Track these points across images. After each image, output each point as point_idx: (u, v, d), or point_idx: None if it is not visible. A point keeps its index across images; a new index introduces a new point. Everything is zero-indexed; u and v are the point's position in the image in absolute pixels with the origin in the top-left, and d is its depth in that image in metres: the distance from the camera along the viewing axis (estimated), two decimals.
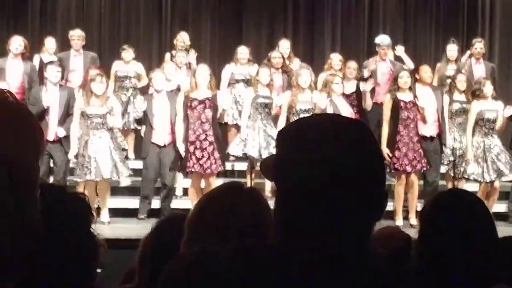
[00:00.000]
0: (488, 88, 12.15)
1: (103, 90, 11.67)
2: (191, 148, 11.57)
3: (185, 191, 12.76)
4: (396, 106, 11.90)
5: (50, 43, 13.98)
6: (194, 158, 11.57)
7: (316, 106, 11.90)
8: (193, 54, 14.05)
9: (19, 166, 1.33)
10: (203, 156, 11.56)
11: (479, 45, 13.88)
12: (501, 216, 12.20)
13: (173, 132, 11.90)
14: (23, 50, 13.05)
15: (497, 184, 12.15)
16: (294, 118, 11.60)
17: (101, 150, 11.42)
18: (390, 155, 11.70)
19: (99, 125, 11.50)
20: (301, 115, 11.53)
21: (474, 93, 12.31)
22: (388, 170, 11.50)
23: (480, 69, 13.60)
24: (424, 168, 12.00)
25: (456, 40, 14.32)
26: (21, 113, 1.42)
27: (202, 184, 11.84)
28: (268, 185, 11.29)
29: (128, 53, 13.74)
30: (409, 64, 13.74)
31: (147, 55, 15.64)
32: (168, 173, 12.00)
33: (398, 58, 14.10)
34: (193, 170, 11.62)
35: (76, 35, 13.83)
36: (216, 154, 11.65)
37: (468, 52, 14.14)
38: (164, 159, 11.96)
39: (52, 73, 12.02)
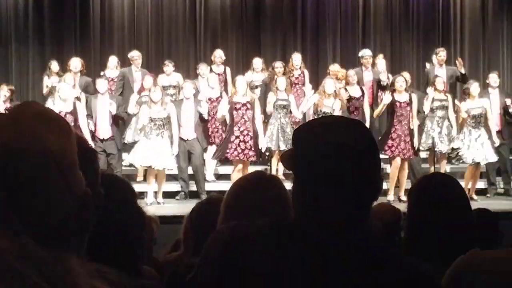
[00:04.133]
0: (475, 89, 12.12)
1: (160, 97, 11.72)
2: (236, 141, 11.61)
3: (217, 176, 12.87)
4: (393, 105, 11.88)
5: (113, 61, 14.04)
6: (239, 149, 11.62)
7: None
8: (228, 68, 14.02)
9: (61, 154, 1.34)
10: (246, 148, 11.61)
11: (442, 53, 13.73)
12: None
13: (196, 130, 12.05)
14: (81, 68, 13.15)
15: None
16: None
17: (160, 147, 11.52)
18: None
19: (161, 126, 11.58)
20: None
21: (464, 92, 12.33)
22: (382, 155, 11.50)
23: (443, 72, 13.37)
24: (411, 157, 11.96)
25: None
26: (53, 116, 1.41)
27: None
28: (281, 171, 11.32)
29: (168, 67, 13.75)
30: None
31: (185, 68, 15.65)
32: (196, 161, 12.12)
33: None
34: (237, 158, 11.67)
35: (137, 55, 13.92)
36: (253, 147, 11.70)
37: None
38: (193, 151, 12.06)
39: (100, 85, 12.13)
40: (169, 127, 11.72)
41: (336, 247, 1.81)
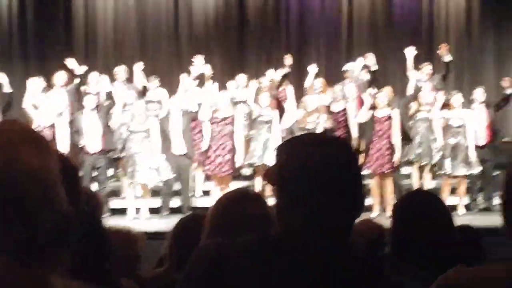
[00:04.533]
0: (457, 99, 12.16)
1: (142, 110, 11.81)
2: (213, 156, 11.63)
3: (205, 192, 12.83)
4: (373, 121, 11.98)
5: (93, 76, 13.88)
6: (216, 163, 11.67)
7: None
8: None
9: (43, 172, 1.35)
10: (222, 162, 11.65)
11: (428, 67, 13.80)
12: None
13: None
14: (66, 82, 13.08)
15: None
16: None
17: (144, 159, 11.47)
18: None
19: (143, 138, 11.57)
20: None
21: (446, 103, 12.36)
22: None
23: (428, 85, 13.32)
24: (389, 170, 11.93)
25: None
26: (33, 136, 1.41)
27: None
28: (269, 187, 11.26)
29: (153, 82, 13.74)
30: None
31: (168, 83, 15.63)
32: (185, 176, 12.04)
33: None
34: (212, 173, 11.80)
35: (118, 70, 13.76)
36: (230, 161, 11.73)
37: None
38: (182, 166, 12.00)
39: (88, 101, 12.10)
40: (151, 140, 11.71)
41: (319, 264, 1.82)
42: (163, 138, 11.84)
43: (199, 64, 13.11)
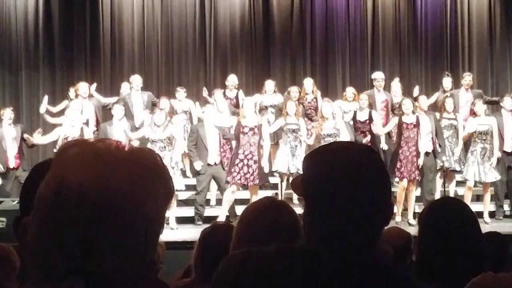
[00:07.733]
0: (479, 107, 12.13)
1: (163, 120, 11.77)
2: (240, 164, 11.52)
3: (218, 201, 12.68)
4: (401, 127, 11.91)
5: (125, 87, 14.01)
6: (242, 172, 11.52)
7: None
8: (240, 92, 14.02)
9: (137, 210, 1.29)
10: (248, 172, 11.50)
11: (468, 77, 13.79)
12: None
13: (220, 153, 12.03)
14: (90, 93, 13.31)
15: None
16: (321, 142, 11.52)
17: None
18: None
19: (162, 148, 11.58)
20: (326, 139, 11.52)
21: (470, 112, 12.33)
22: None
23: (468, 96, 13.43)
24: (417, 178, 11.91)
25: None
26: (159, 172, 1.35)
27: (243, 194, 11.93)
28: (295, 195, 11.23)
29: (179, 93, 13.80)
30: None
31: (195, 93, 15.65)
32: (223, 186, 11.84)
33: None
34: (239, 182, 11.56)
35: (131, 79, 13.86)
36: (257, 171, 11.56)
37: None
38: (219, 175, 11.96)
39: (116, 111, 12.37)
40: (172, 148, 11.79)
41: (348, 273, 1.81)
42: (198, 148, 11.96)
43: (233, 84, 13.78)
